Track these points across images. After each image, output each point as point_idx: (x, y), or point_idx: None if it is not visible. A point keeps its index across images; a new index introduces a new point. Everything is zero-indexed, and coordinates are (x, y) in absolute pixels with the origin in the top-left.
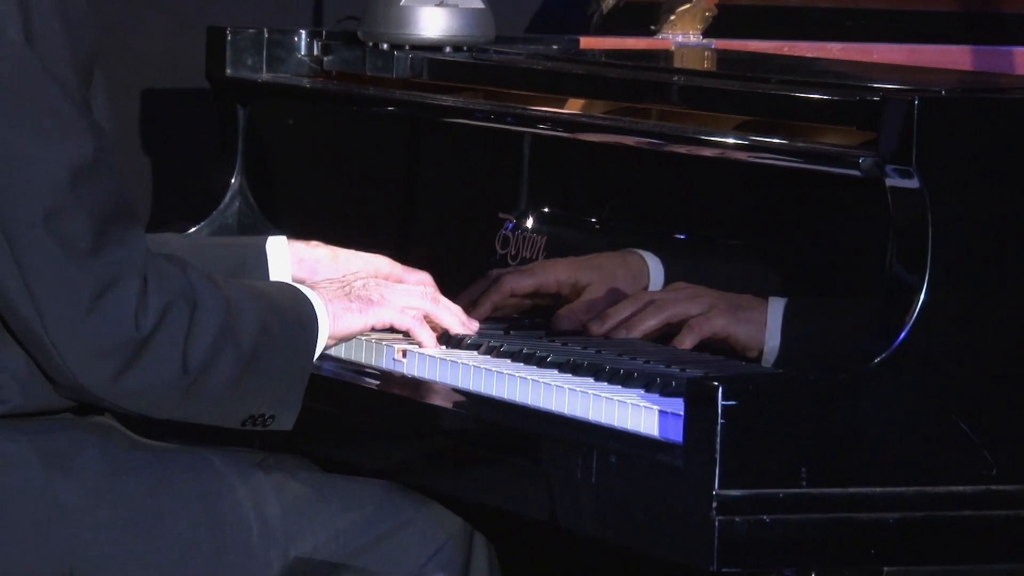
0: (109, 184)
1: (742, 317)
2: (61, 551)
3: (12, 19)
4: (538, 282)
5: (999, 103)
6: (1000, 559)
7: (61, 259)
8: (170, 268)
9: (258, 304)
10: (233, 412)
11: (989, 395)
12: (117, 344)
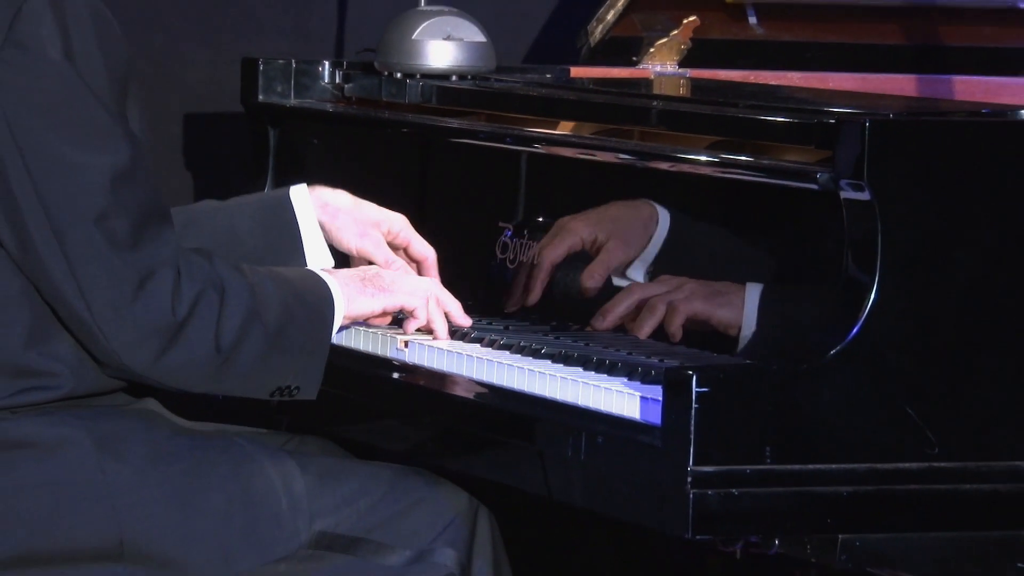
0: (145, 186)
1: (722, 301)
2: (111, 523)
3: (53, 41)
4: (568, 246)
5: (941, 125)
6: (941, 528)
7: (106, 254)
8: (199, 260)
9: (281, 288)
10: (262, 385)
11: (932, 382)
12: (156, 328)
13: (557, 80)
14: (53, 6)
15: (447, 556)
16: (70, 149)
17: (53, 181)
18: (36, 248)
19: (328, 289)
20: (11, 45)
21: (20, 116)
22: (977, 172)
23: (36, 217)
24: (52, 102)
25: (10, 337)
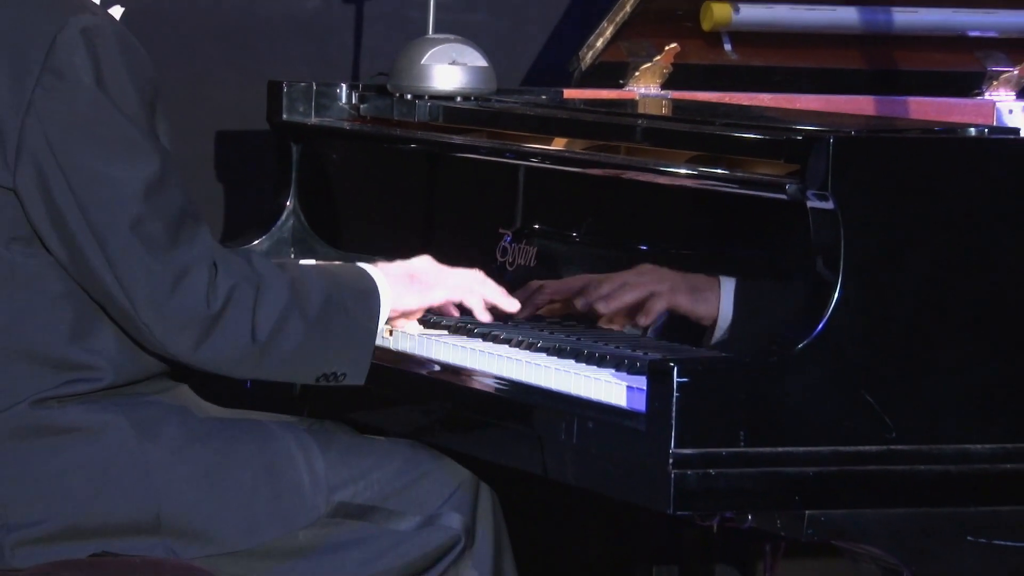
0: (176, 193)
1: (700, 296)
2: (149, 500)
3: (86, 69)
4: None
5: (897, 142)
6: (898, 505)
7: (144, 256)
8: (235, 258)
9: (323, 281)
10: (306, 371)
11: (889, 373)
12: (193, 320)
13: (552, 101)
14: (85, 37)
15: (454, 520)
16: (105, 164)
17: (92, 193)
18: (83, 254)
19: (374, 283)
20: (48, 73)
21: (59, 137)
22: (930, 184)
23: (80, 227)
24: (86, 123)
25: (55, 334)
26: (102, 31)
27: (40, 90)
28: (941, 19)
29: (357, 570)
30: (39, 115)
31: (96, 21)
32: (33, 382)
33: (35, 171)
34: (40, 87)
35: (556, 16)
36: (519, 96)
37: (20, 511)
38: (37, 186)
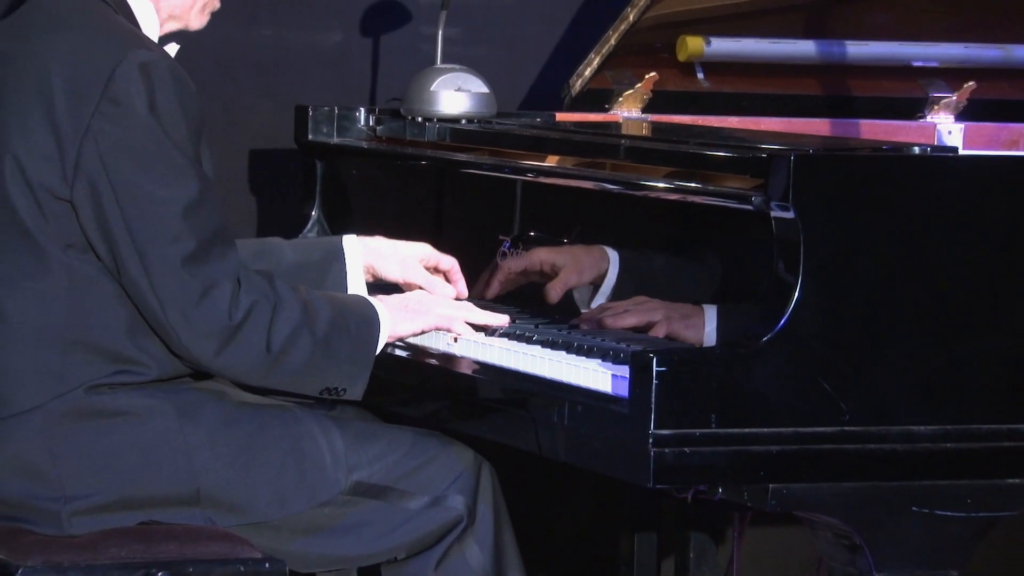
0: (211, 215)
1: (690, 323)
2: (189, 475)
3: (141, 98)
4: (527, 263)
5: (850, 159)
6: (851, 479)
7: (177, 268)
8: (257, 277)
9: (332, 306)
10: (310, 385)
11: (843, 363)
12: (215, 330)
13: (545, 123)
14: (141, 70)
15: (457, 501)
16: (151, 185)
17: (137, 209)
18: (124, 262)
19: (375, 312)
20: (107, 100)
21: (112, 158)
22: (879, 196)
23: (123, 238)
24: (137, 147)
25: (110, 330)
26: (157, 66)
27: (98, 115)
28: (888, 51)
29: (371, 544)
30: (96, 137)
31: (152, 57)
32: (88, 371)
33: (89, 186)
34: (98, 112)
35: (549, 49)
36: (517, 119)
37: (76, 484)
38: (90, 199)
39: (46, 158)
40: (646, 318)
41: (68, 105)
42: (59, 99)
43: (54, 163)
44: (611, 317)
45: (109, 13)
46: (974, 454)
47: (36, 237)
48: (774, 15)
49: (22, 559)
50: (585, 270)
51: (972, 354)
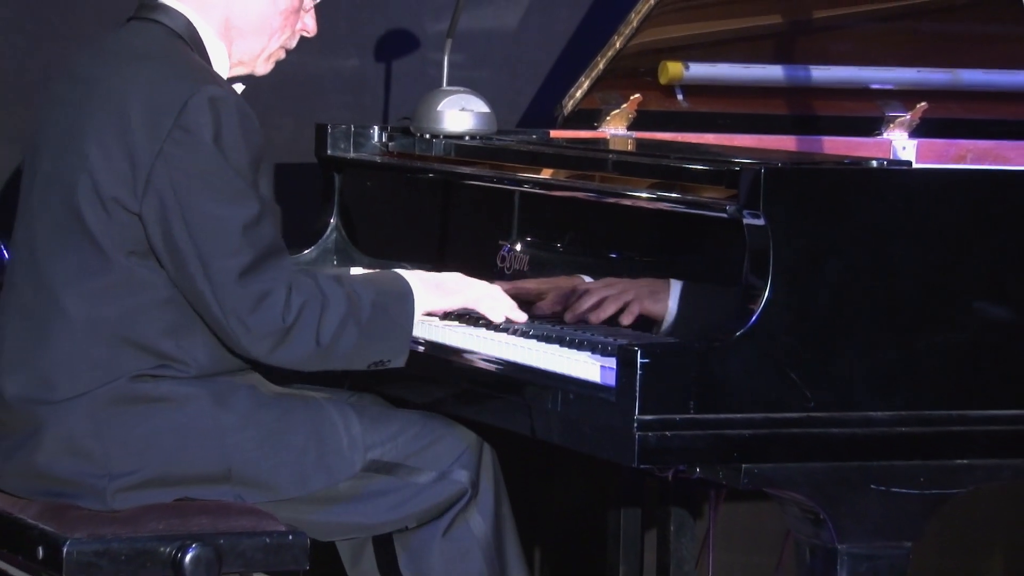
0: (267, 231)
1: (657, 298)
2: (222, 456)
3: (208, 128)
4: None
5: (815, 171)
6: (816, 460)
7: (236, 279)
8: (306, 280)
9: (371, 290)
10: (359, 362)
11: (808, 356)
12: (270, 331)
13: (540, 139)
14: (211, 103)
15: (462, 476)
16: (214, 205)
17: (201, 226)
18: (189, 272)
19: (409, 287)
20: (178, 128)
21: (180, 179)
22: (841, 205)
23: (189, 251)
24: (203, 172)
25: (156, 330)
26: (226, 101)
27: (170, 140)
28: (849, 75)
29: (385, 515)
30: (167, 160)
31: (222, 93)
32: (134, 363)
33: (158, 203)
34: (170, 138)
35: (544, 73)
36: (515, 136)
37: (119, 463)
38: (158, 214)
39: (119, 174)
40: (621, 302)
41: (144, 129)
42: (136, 123)
43: (126, 179)
44: (593, 312)
45: (186, 50)
46: (926, 437)
47: (100, 242)
48: (746, 43)
49: (69, 532)
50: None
51: (924, 347)
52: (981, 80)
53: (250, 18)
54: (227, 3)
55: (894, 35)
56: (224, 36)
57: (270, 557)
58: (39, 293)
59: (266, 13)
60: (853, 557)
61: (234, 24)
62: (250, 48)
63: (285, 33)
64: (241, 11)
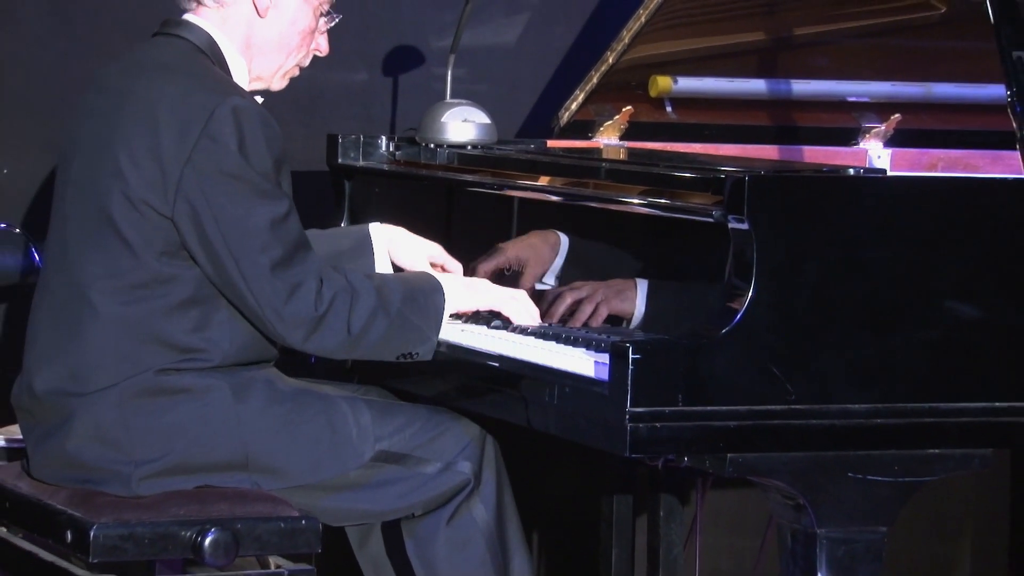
0: (294, 227)
1: (624, 297)
2: (240, 445)
3: (232, 137)
4: (496, 263)
5: (795, 179)
6: (796, 450)
7: (268, 273)
8: (335, 274)
9: (401, 285)
10: (388, 353)
11: (789, 352)
12: (303, 321)
13: (538, 149)
14: (235, 113)
15: (465, 466)
16: (242, 206)
17: (233, 227)
18: (225, 269)
19: (440, 284)
20: (205, 137)
21: (208, 184)
22: (820, 210)
23: (223, 249)
24: (228, 176)
25: (181, 325)
26: (248, 110)
27: (198, 149)
28: (827, 88)
29: (393, 502)
30: (195, 167)
31: (245, 103)
32: (159, 357)
33: (189, 207)
34: (198, 146)
35: (541, 86)
36: (514, 145)
37: (144, 451)
38: (190, 218)
39: (149, 180)
40: (593, 304)
41: (172, 138)
42: (164, 132)
43: (156, 185)
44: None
45: (209, 64)
46: (900, 428)
47: (131, 243)
48: (731, 58)
49: (96, 517)
50: (543, 259)
51: (898, 344)
52: (952, 93)
53: (269, 37)
54: (248, 23)
55: (870, 51)
56: (244, 53)
57: (284, 541)
58: (70, 292)
59: (284, 33)
60: (832, 541)
61: (254, 42)
62: (268, 65)
63: (301, 52)
64: (261, 31)
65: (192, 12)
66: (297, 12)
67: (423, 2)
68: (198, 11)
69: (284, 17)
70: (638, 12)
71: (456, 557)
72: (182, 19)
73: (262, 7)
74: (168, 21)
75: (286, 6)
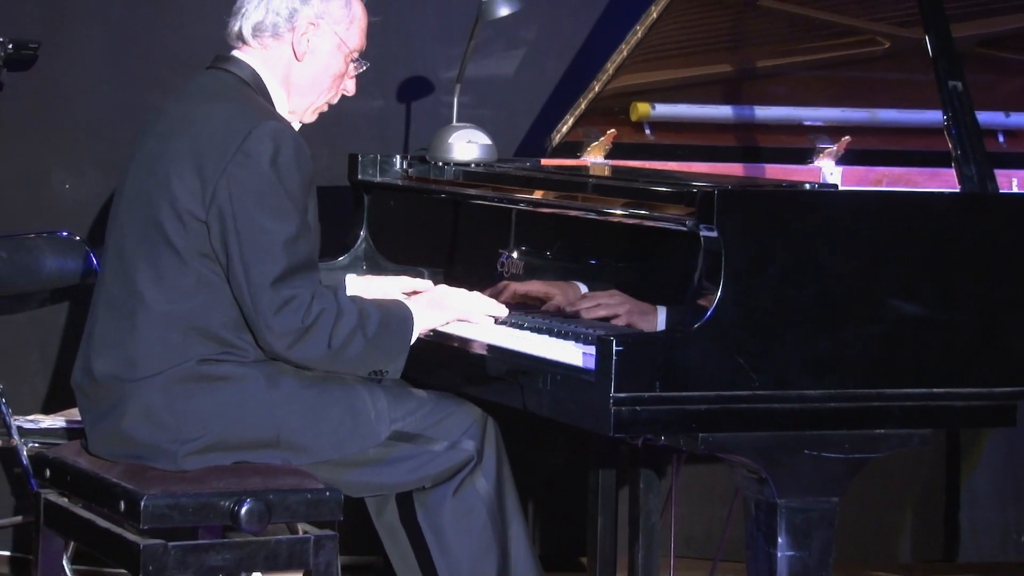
0: (304, 248)
1: (646, 319)
2: (272, 426)
3: (266, 155)
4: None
5: (759, 192)
6: (760, 430)
7: (267, 285)
8: (327, 292)
9: (379, 311)
10: (362, 369)
11: (753, 344)
12: (290, 331)
13: (533, 166)
14: (270, 133)
15: (469, 444)
16: (263, 219)
17: (249, 236)
18: (235, 272)
19: (410, 313)
20: (240, 153)
21: (238, 195)
22: (780, 220)
23: (236, 254)
24: (257, 190)
25: (222, 323)
26: (283, 132)
27: (233, 162)
28: (785, 114)
29: (406, 476)
30: (228, 178)
31: (280, 126)
32: (201, 349)
33: (219, 213)
34: (234, 160)
35: (536, 111)
36: (512, 163)
37: (188, 430)
38: (218, 222)
39: (191, 191)
40: (613, 311)
41: (213, 153)
42: (206, 149)
43: (197, 195)
44: (586, 309)
45: (252, 94)
46: (850, 411)
47: (178, 248)
48: (702, 87)
49: (146, 489)
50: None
51: (850, 337)
52: (895, 118)
53: (305, 77)
54: (288, 64)
55: (823, 81)
56: (284, 86)
57: (310, 510)
58: (125, 290)
59: (318, 76)
60: (790, 510)
61: (292, 81)
62: (301, 102)
63: (331, 92)
64: (297, 72)
65: (239, 49)
66: (330, 58)
67: (432, 38)
68: (244, 49)
69: (318, 62)
70: (620, 47)
71: (461, 523)
72: (230, 55)
73: (300, 51)
74: (219, 57)
75: (321, 52)
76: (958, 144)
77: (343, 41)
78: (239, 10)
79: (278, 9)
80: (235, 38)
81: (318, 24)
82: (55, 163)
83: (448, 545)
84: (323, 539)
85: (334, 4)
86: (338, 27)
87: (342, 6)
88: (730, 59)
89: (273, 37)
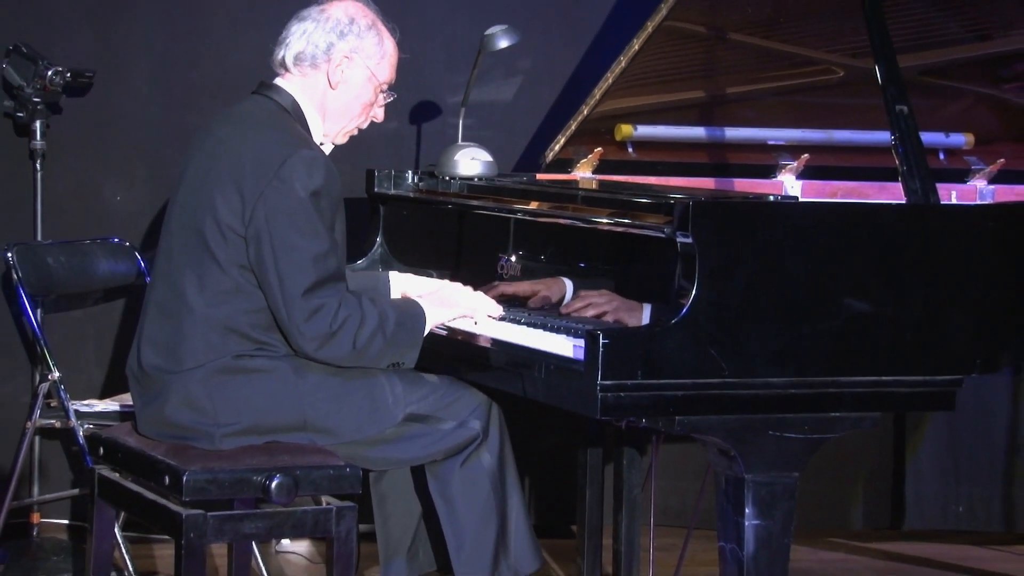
0: (332, 262)
1: (632, 315)
2: (300, 411)
3: (300, 181)
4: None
5: (729, 203)
6: (729, 413)
7: (299, 295)
8: (351, 297)
9: (395, 312)
10: (381, 363)
11: (723, 338)
12: (318, 335)
13: (529, 180)
14: (304, 161)
15: (475, 424)
16: (296, 238)
17: (283, 252)
18: (270, 284)
19: (422, 311)
20: (277, 178)
21: (273, 216)
22: (748, 228)
23: (271, 269)
24: (290, 213)
25: (256, 324)
26: (316, 160)
27: (270, 187)
28: (751, 134)
29: (419, 452)
30: (265, 200)
31: (314, 154)
32: (237, 346)
33: (255, 231)
34: (270, 185)
35: (531, 132)
36: (511, 177)
37: (225, 415)
38: (255, 240)
39: (233, 209)
40: (603, 309)
41: (252, 177)
42: (247, 172)
43: (237, 212)
44: (580, 308)
45: (290, 121)
46: (809, 397)
47: (218, 258)
48: (678, 111)
49: (188, 465)
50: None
51: (808, 332)
52: (848, 138)
53: (338, 105)
54: (324, 92)
55: (785, 105)
56: (319, 112)
57: (333, 484)
58: (172, 292)
59: (350, 104)
60: (756, 484)
61: (327, 107)
62: (333, 127)
63: (361, 119)
64: (331, 99)
65: (281, 76)
66: (361, 88)
67: (441, 67)
68: (285, 76)
69: (351, 91)
70: (606, 75)
71: (468, 493)
72: (273, 83)
73: (334, 81)
74: (263, 83)
75: (353, 83)
76: (904, 161)
77: (374, 74)
78: (283, 40)
79: (317, 42)
80: (279, 65)
81: (352, 58)
82: (108, 178)
83: (456, 511)
84: (344, 510)
85: (368, 41)
86: (370, 61)
87: (375, 44)
88: (703, 86)
89: (312, 67)
